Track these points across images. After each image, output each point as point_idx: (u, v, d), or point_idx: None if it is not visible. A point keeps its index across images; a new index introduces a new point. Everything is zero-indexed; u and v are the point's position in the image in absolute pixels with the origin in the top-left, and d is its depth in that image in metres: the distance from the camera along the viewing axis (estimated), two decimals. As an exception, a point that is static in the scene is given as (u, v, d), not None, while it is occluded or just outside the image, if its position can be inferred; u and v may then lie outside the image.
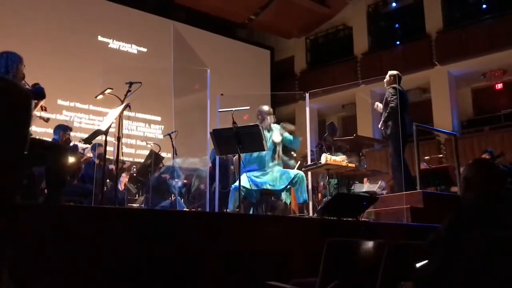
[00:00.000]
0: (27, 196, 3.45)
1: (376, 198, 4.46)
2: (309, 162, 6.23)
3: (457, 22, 12.95)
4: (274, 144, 5.18)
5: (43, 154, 3.45)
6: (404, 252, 2.52)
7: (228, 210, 4.78)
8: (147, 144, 7.42)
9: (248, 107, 4.94)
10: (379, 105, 5.93)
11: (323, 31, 15.54)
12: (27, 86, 3.57)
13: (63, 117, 11.28)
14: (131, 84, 4.45)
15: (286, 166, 5.75)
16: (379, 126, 5.83)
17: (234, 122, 4.59)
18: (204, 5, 13.53)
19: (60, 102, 11.31)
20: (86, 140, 4.21)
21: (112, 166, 5.92)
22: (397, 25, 14.23)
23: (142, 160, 7.60)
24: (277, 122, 5.54)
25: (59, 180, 3.49)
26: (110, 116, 4.11)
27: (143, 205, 7.47)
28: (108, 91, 4.35)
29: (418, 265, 2.14)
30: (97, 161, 6.29)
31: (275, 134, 5.15)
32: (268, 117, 5.24)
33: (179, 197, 6.18)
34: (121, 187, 7.30)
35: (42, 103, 3.58)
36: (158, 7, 13.39)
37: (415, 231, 4.58)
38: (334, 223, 4.03)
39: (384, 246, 2.47)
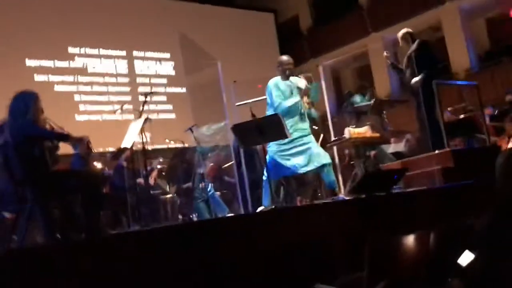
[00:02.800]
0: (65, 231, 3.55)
1: (406, 170, 4.45)
2: (332, 134, 6.21)
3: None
4: (301, 91, 5.08)
5: (77, 185, 3.53)
6: (448, 239, 2.52)
7: (264, 205, 4.80)
8: (169, 141, 7.46)
9: (265, 97, 4.91)
10: (387, 55, 5.83)
11: (325, -16, 15.10)
12: (49, 123, 3.63)
13: (77, 63, 11.38)
14: (146, 94, 4.46)
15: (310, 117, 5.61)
16: (412, 84, 5.69)
17: (253, 115, 4.58)
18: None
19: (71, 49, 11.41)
20: (113, 158, 4.28)
21: (140, 180, 6.01)
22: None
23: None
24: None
25: (96, 207, 3.57)
26: (132, 132, 4.15)
27: (175, 195, 7.62)
28: (126, 106, 4.37)
29: (462, 261, 2.15)
30: (125, 164, 6.40)
31: (300, 81, 5.09)
32: (289, 68, 5.14)
33: (212, 192, 6.26)
34: (152, 182, 7.44)
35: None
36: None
37: (449, 193, 4.58)
38: (367, 200, 4.06)
39: (428, 236, 2.49)
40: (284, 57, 5.19)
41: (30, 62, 10.88)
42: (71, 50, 11.44)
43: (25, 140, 3.40)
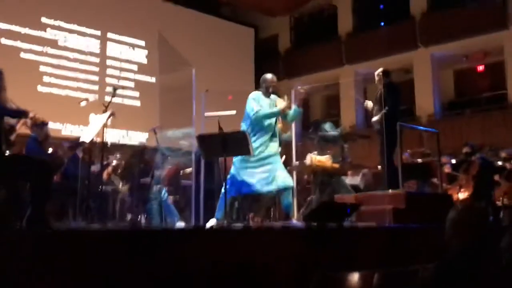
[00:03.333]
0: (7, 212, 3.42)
1: (359, 205, 4.54)
2: (294, 157, 6.27)
3: (441, 5, 12.93)
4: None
5: (27, 171, 3.41)
6: (391, 282, 2.58)
7: (216, 218, 4.76)
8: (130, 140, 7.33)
9: (235, 112, 4.91)
10: (369, 104, 5.98)
11: (308, 10, 15.36)
12: (11, 103, 3.51)
13: (48, 35, 11.22)
14: (115, 89, 4.38)
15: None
16: (372, 121, 5.84)
17: (220, 128, 4.57)
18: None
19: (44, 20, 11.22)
20: (70, 148, 4.16)
21: (95, 168, 5.87)
22: (381, 6, 14.14)
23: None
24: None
25: (44, 196, 3.45)
26: (94, 126, 4.05)
27: (127, 195, 7.47)
28: (92, 100, 4.27)
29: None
30: (81, 155, 6.23)
31: (279, 101, 5.10)
32: (271, 87, 5.14)
33: (166, 197, 6.18)
34: (105, 177, 7.27)
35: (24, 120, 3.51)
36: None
37: (398, 234, 4.69)
38: (318, 230, 4.10)
39: (372, 276, 2.54)
40: (269, 75, 5.19)
41: (0, 25, 10.62)
42: (44, 20, 11.24)
43: None
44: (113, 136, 10.64)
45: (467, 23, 11.99)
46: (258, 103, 4.97)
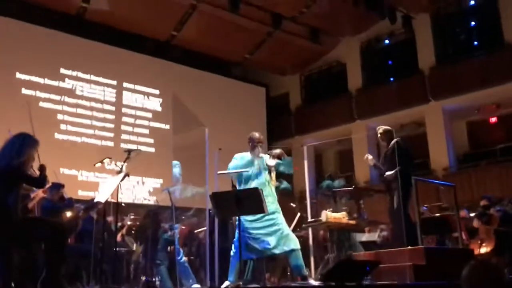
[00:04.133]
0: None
1: (379, 263, 4.42)
2: (309, 214, 6.20)
3: (449, 58, 13.15)
4: (269, 169, 5.11)
5: (42, 235, 3.42)
6: None
7: (229, 280, 4.68)
8: (144, 199, 7.34)
9: (248, 170, 4.93)
10: (369, 158, 5.99)
11: (317, 67, 15.72)
12: (32, 170, 3.60)
13: (66, 84, 11.56)
14: (129, 151, 4.45)
15: (282, 191, 5.59)
16: (385, 176, 5.81)
17: (233, 186, 4.57)
18: (200, 46, 13.72)
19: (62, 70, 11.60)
20: (85, 210, 4.18)
21: (110, 218, 5.86)
22: (390, 62, 14.42)
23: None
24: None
25: (58, 260, 3.44)
26: (109, 187, 4.09)
27: (141, 257, 7.38)
28: (107, 160, 4.34)
29: None
30: (95, 216, 6.24)
31: (267, 158, 5.10)
32: (259, 145, 5.16)
33: (182, 258, 6.08)
34: (119, 238, 7.23)
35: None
36: (155, 49, 13.52)
37: (418, 291, 4.54)
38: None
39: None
40: (256, 134, 5.26)
41: (20, 76, 11.05)
42: (63, 71, 11.68)
43: (4, 182, 3.36)
44: (127, 186, 10.80)
45: (477, 75, 12.11)
46: (240, 161, 5.03)
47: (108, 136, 12.03)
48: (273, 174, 5.19)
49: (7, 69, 10.80)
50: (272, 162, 5.05)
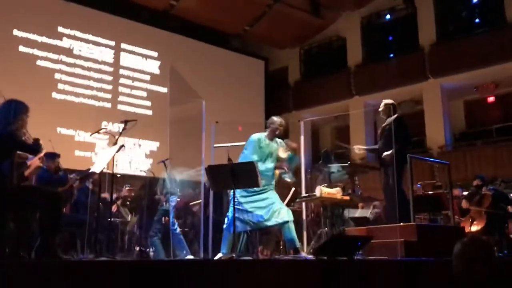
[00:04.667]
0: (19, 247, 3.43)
1: (370, 238, 4.47)
2: (303, 189, 6.23)
3: (450, 36, 13.04)
4: (278, 158, 5.12)
5: (38, 203, 3.44)
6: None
7: (222, 253, 4.74)
8: (140, 171, 7.36)
9: (244, 143, 4.93)
10: (357, 150, 6.01)
11: (317, 42, 15.57)
12: (27, 136, 3.59)
13: (64, 43, 11.53)
14: (126, 122, 4.44)
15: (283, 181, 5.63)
16: (383, 156, 5.82)
17: (229, 159, 4.58)
18: (199, 16, 13.54)
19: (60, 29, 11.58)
20: (80, 180, 4.19)
21: (105, 195, 5.89)
22: (390, 38, 14.28)
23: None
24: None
25: (53, 228, 3.47)
26: (105, 157, 4.09)
27: (135, 227, 7.45)
28: (103, 130, 4.32)
29: None
30: (91, 187, 6.26)
31: (282, 149, 5.11)
32: (278, 130, 5.14)
33: (176, 229, 6.13)
34: (114, 209, 7.27)
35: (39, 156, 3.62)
36: (152, 18, 13.34)
37: (409, 267, 4.61)
38: (329, 264, 4.04)
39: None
40: (277, 119, 5.18)
41: (17, 33, 10.97)
42: (60, 29, 11.59)
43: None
44: (127, 144, 10.88)
45: (477, 54, 12.04)
46: (258, 147, 4.98)
47: (106, 97, 12.05)
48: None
49: (5, 25, 10.74)
50: (284, 155, 5.05)
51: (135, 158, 11.79)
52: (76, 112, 11.26)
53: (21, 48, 10.93)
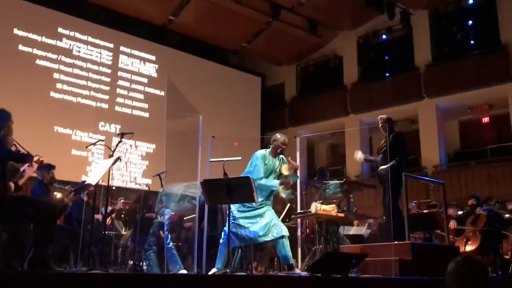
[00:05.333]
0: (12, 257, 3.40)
1: (365, 256, 4.47)
2: (298, 205, 6.23)
3: (445, 56, 13.20)
4: (279, 175, 5.13)
5: (32, 213, 3.42)
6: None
7: (216, 268, 4.72)
8: (136, 184, 7.34)
9: (240, 158, 4.94)
10: (358, 155, 6.04)
11: (314, 59, 15.70)
12: (14, 143, 3.57)
13: (63, 44, 11.64)
14: (122, 135, 4.44)
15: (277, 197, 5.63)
16: (379, 169, 5.84)
17: (225, 174, 4.58)
18: (198, 32, 13.65)
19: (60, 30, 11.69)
20: (76, 192, 4.18)
21: (98, 216, 5.86)
22: (386, 57, 14.43)
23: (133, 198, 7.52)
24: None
25: (47, 240, 3.45)
26: (101, 169, 4.08)
27: (129, 241, 7.39)
28: (101, 142, 4.33)
29: None
30: (85, 198, 6.23)
31: (284, 167, 5.12)
32: (280, 148, 5.15)
33: (170, 244, 6.08)
34: (108, 221, 7.22)
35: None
36: (151, 32, 13.44)
37: (403, 285, 4.59)
38: (323, 281, 4.03)
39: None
40: (281, 137, 5.20)
41: (17, 32, 11.06)
42: (60, 30, 11.70)
43: None
44: (123, 146, 10.93)
45: (471, 75, 12.18)
46: (263, 163, 5.00)
47: (103, 98, 12.15)
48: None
49: (5, 24, 10.83)
50: (287, 172, 5.08)
51: (131, 159, 11.95)
52: (74, 111, 11.39)
53: (21, 47, 11.03)
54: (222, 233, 4.97)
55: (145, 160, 12.36)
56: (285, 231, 4.85)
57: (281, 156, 5.19)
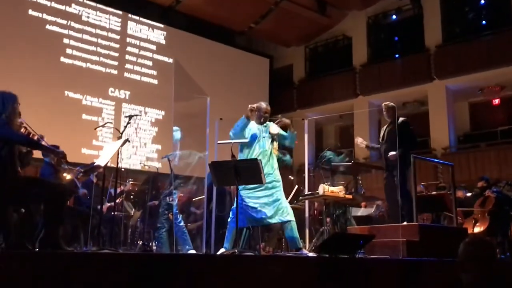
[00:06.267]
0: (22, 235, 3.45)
1: (372, 237, 4.48)
2: (306, 187, 6.24)
3: (456, 37, 13.00)
4: (272, 136, 5.13)
5: (42, 194, 3.46)
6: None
7: (224, 247, 4.76)
8: (144, 166, 7.37)
9: (247, 140, 4.94)
10: (359, 141, 6.02)
11: (323, 40, 15.55)
12: (24, 125, 3.58)
13: (72, 9, 11.63)
14: (130, 117, 4.45)
15: (281, 162, 5.62)
16: (389, 156, 5.82)
17: (233, 155, 4.59)
18: (205, 13, 13.54)
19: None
20: (84, 174, 4.21)
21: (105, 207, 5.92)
22: (396, 38, 14.24)
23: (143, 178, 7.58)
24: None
25: (57, 220, 3.48)
26: (109, 151, 4.10)
27: (138, 221, 7.47)
28: (109, 125, 4.34)
29: None
30: (95, 180, 6.28)
31: (272, 126, 5.12)
32: (265, 116, 5.16)
33: (181, 223, 6.13)
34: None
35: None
36: (158, 14, 13.36)
37: (411, 266, 4.61)
38: (330, 262, 4.05)
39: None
40: (264, 105, 5.23)
41: None
42: None
43: None
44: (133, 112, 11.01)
45: (482, 56, 12.01)
46: (246, 126, 5.04)
47: (112, 64, 12.20)
48: (276, 143, 5.18)
49: None
50: (275, 130, 5.05)
51: (141, 126, 11.99)
52: (84, 77, 11.47)
53: (31, 12, 11.05)
54: (230, 212, 5.00)
55: (154, 126, 12.45)
56: (290, 216, 4.86)
57: (268, 123, 5.17)
